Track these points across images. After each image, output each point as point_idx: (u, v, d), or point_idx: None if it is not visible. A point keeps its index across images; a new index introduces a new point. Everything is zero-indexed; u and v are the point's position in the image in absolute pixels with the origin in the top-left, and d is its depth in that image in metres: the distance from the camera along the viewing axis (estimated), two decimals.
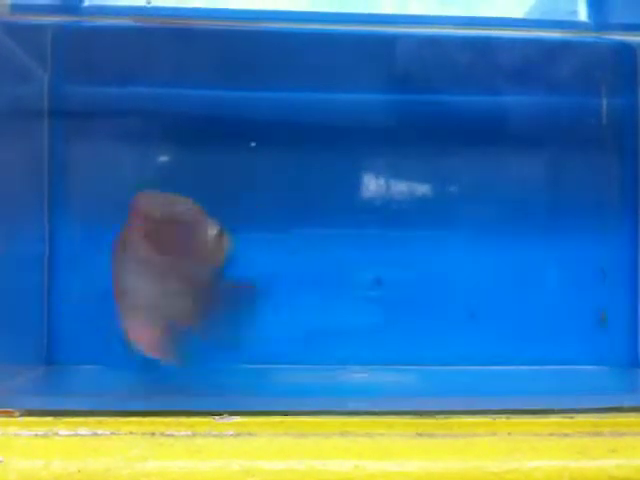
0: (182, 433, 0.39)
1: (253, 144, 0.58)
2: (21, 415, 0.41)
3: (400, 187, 0.60)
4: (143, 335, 0.48)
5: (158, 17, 0.52)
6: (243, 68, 0.58)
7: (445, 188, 0.60)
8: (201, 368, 0.55)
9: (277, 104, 0.58)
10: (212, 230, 0.51)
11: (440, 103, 0.59)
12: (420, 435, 0.39)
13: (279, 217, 0.59)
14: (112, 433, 0.39)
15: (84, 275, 0.57)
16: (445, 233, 0.58)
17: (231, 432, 0.39)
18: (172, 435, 0.39)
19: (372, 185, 0.60)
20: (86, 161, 0.58)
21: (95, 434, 0.39)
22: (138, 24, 0.53)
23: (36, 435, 0.39)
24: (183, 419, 0.40)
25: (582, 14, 0.54)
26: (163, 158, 0.59)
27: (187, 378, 0.52)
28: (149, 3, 0.51)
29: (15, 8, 0.50)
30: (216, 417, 0.40)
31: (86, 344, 0.57)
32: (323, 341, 0.57)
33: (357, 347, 0.57)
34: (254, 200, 0.58)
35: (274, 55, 0.57)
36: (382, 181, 0.59)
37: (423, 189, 0.60)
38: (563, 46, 0.57)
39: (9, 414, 0.40)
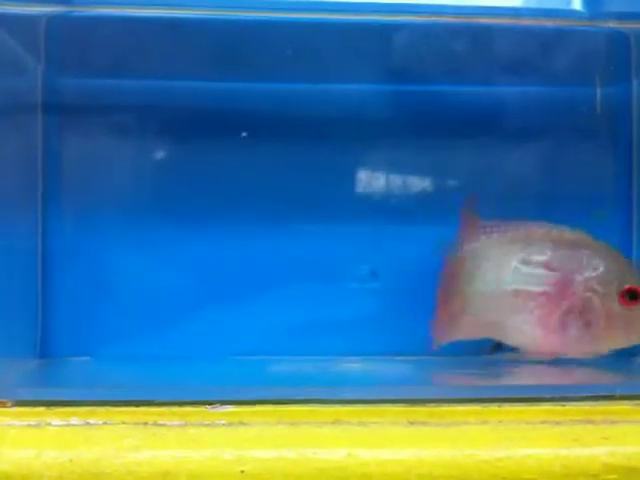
0: (174, 423, 0.39)
1: (244, 134, 0.58)
2: (13, 405, 0.41)
3: (396, 180, 0.59)
4: None
5: (151, 7, 0.52)
6: (238, 59, 0.58)
7: (440, 180, 0.60)
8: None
9: (270, 95, 0.58)
10: None
11: (433, 93, 0.59)
12: (412, 423, 0.39)
13: (273, 210, 0.59)
14: (104, 423, 0.39)
15: (77, 269, 0.57)
16: (440, 228, 0.58)
17: (223, 421, 0.39)
18: (164, 425, 0.39)
19: (367, 178, 0.59)
20: (80, 154, 0.58)
21: (87, 424, 0.39)
22: (132, 14, 0.53)
23: (28, 425, 0.38)
24: (175, 409, 0.40)
25: (576, 3, 0.54)
26: (158, 150, 0.59)
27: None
28: None
29: None
30: (208, 406, 0.40)
31: (79, 337, 0.57)
32: (318, 332, 0.57)
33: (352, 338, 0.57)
34: (248, 192, 0.58)
35: (267, 45, 0.57)
36: (378, 174, 0.59)
37: (419, 182, 0.60)
38: (557, 35, 0.56)
39: (1, 405, 0.40)
